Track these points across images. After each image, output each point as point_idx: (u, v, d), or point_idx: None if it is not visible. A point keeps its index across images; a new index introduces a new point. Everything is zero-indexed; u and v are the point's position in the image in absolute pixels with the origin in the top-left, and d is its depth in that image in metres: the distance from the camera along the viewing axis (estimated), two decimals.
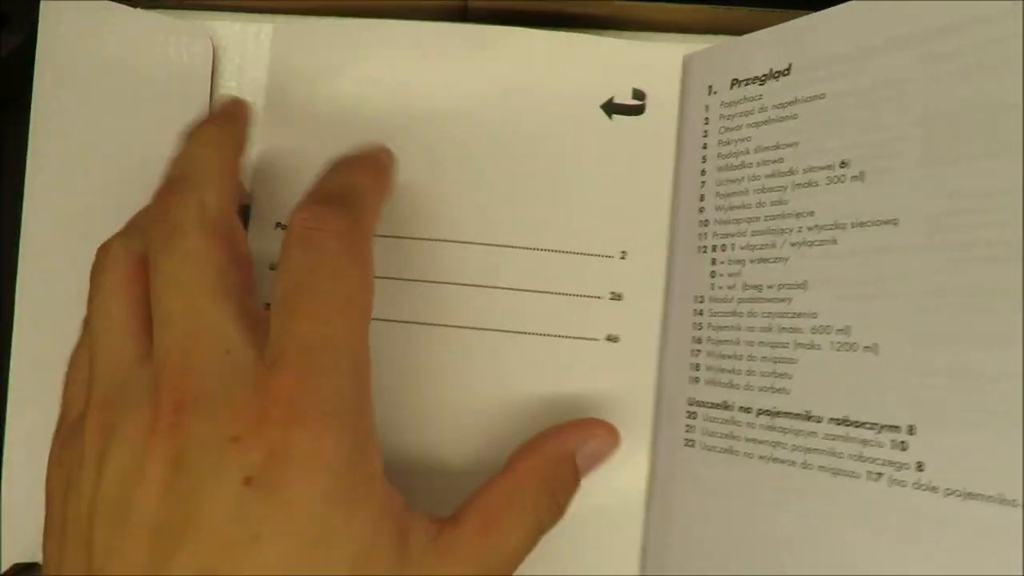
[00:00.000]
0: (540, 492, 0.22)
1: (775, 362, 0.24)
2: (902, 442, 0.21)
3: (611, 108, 0.27)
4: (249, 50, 0.28)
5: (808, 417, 0.23)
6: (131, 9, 0.27)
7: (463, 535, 0.21)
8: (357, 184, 0.23)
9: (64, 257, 0.26)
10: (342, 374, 0.19)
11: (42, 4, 0.27)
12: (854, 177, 0.23)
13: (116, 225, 0.27)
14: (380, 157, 0.24)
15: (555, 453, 0.23)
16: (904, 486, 0.21)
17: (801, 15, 0.28)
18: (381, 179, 0.24)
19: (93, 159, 0.27)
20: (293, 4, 0.28)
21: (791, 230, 0.24)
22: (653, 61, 0.28)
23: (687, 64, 0.28)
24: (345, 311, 0.20)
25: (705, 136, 0.27)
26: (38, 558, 0.26)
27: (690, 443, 0.26)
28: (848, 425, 0.22)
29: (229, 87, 0.28)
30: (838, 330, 0.23)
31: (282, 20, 0.28)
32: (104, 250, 0.22)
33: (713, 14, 0.28)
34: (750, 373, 0.25)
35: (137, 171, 0.27)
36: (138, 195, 0.27)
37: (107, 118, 0.27)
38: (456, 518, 0.21)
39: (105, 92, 0.27)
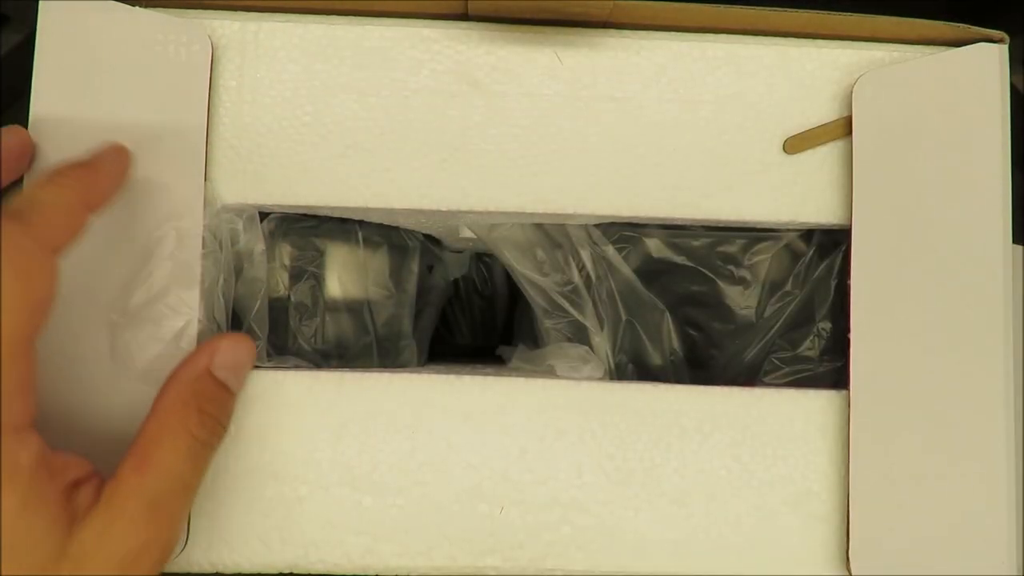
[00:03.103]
0: (186, 412, 0.24)
1: None
2: None
3: None
4: (249, 50, 0.28)
5: None
6: (131, 8, 0.27)
7: (122, 480, 0.23)
8: (49, 199, 0.23)
9: (63, 256, 0.26)
10: None
11: (42, 4, 0.27)
12: None
13: (116, 224, 0.27)
14: (95, 165, 0.25)
15: (189, 374, 0.25)
16: None
17: (801, 15, 0.28)
18: (83, 193, 0.24)
19: None
20: (293, 4, 0.28)
21: None
22: None
23: None
24: None
25: None
26: None
27: None
28: None
29: (229, 87, 0.28)
30: None
31: (283, 20, 0.28)
32: None
33: (713, 14, 0.28)
34: None
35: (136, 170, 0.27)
36: (137, 193, 0.27)
37: (107, 117, 0.27)
38: (117, 470, 0.23)
39: (105, 91, 0.27)
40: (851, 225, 0.28)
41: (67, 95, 0.27)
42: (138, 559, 0.22)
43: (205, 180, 0.27)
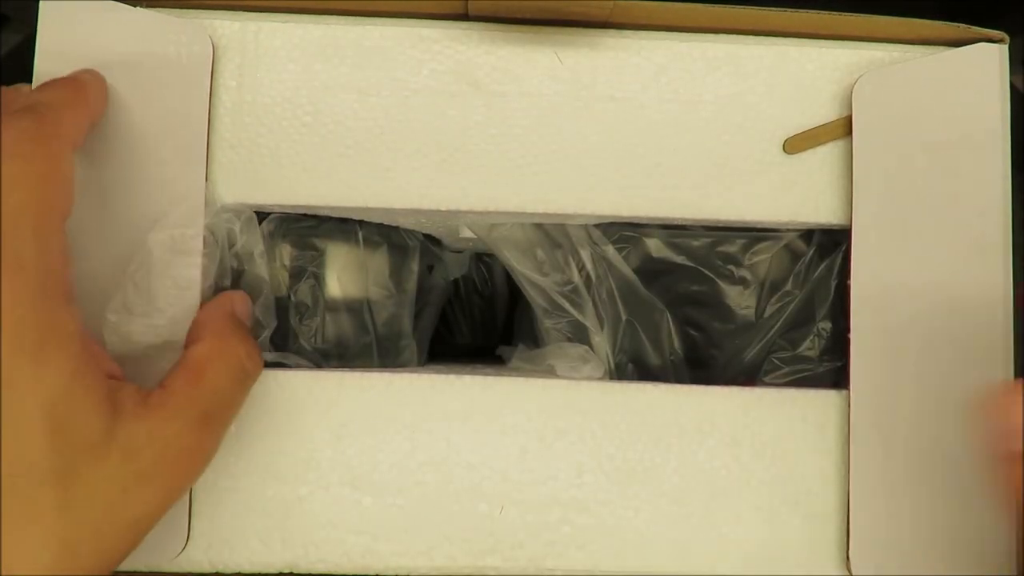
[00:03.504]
0: (235, 340, 0.25)
1: None
2: None
3: None
4: (249, 50, 0.28)
5: None
6: (131, 8, 0.27)
7: (174, 391, 0.23)
8: (47, 98, 0.24)
9: None
10: (23, 238, 0.21)
11: (42, 4, 0.27)
12: None
13: (116, 223, 0.27)
14: (80, 77, 0.26)
15: (224, 312, 0.26)
16: None
17: (801, 15, 0.28)
18: (78, 94, 0.25)
19: (92, 158, 0.27)
20: (293, 4, 0.28)
21: None
22: None
23: None
24: (28, 187, 0.21)
25: None
26: None
27: None
28: None
29: (229, 86, 0.28)
30: None
31: (283, 20, 0.28)
32: None
33: (713, 14, 0.28)
34: None
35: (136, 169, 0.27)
36: (138, 192, 0.27)
37: (106, 117, 0.27)
38: (164, 381, 0.24)
39: None
40: (851, 225, 0.28)
41: None
42: (188, 461, 0.23)
43: (206, 180, 0.27)
